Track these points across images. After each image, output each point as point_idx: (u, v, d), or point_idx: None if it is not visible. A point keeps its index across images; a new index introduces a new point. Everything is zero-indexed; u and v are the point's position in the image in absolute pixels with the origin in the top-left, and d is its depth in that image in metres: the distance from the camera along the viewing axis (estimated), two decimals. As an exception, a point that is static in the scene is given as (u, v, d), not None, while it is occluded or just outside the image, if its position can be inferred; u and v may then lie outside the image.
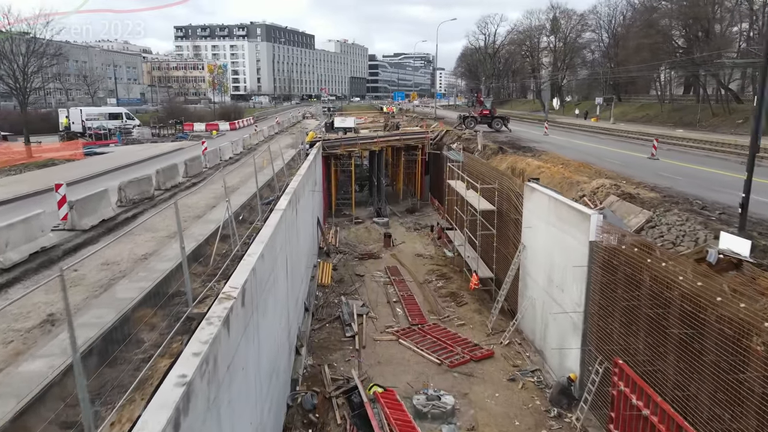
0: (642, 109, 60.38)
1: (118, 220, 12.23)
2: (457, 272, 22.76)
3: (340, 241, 28.19)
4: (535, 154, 27.14)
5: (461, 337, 16.11)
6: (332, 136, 33.67)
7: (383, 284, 21.63)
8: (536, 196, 15.27)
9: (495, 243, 18.63)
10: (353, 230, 30.14)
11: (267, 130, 37.57)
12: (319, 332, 16.89)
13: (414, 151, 36.75)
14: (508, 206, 18.26)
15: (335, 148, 30.64)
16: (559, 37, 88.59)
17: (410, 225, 32.31)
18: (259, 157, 24.21)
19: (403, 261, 25.13)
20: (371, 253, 25.95)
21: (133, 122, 40.02)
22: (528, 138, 36.29)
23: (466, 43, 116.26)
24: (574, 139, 36.94)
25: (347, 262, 24.94)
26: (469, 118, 43.10)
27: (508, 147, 30.38)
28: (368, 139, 32.86)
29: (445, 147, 36.44)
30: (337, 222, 31.97)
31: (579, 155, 25.99)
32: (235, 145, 25.28)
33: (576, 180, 18.60)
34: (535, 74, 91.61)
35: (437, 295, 20.25)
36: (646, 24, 60.78)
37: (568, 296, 12.97)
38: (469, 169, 24.38)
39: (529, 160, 23.99)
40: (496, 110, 45.19)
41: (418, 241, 29.11)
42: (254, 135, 32.15)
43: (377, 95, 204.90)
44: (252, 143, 30.15)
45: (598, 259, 11.60)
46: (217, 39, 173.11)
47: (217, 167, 21.35)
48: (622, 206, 15.17)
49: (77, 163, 22.27)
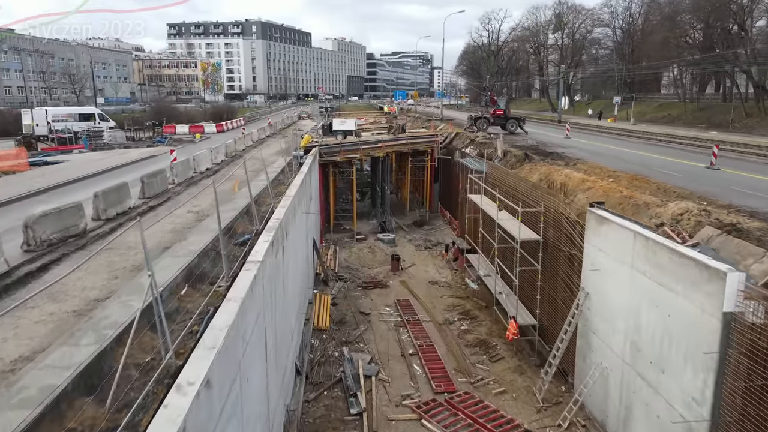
0: (661, 109, 56.45)
1: (12, 278, 8.16)
2: (483, 309, 18.72)
3: (340, 264, 24.15)
4: (567, 162, 23.08)
5: (504, 416, 12.06)
6: (330, 141, 29.60)
7: (394, 326, 17.56)
8: (609, 230, 11.23)
9: (539, 282, 14.59)
10: (355, 250, 26.05)
11: (257, 133, 33.33)
12: (314, 405, 12.82)
13: (422, 157, 32.72)
14: (557, 235, 14.24)
15: (334, 155, 26.57)
16: (567, 33, 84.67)
17: (420, 242, 28.25)
18: (243, 168, 20.19)
19: (416, 291, 21.09)
20: (377, 281, 21.87)
21: (107, 124, 35.78)
22: (549, 142, 32.26)
23: (468, 41, 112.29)
24: (601, 143, 32.91)
25: (349, 293, 20.89)
26: (482, 119, 39.07)
27: (532, 152, 26.36)
28: (371, 143, 28.79)
29: (458, 152, 32.43)
30: (337, 239, 27.89)
31: (622, 164, 21.93)
32: (216, 152, 21.25)
33: (643, 201, 14.54)
34: (542, 72, 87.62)
35: (463, 343, 16.18)
36: (667, 17, 57.00)
37: (675, 382, 8.95)
38: (494, 181, 20.36)
39: (568, 171, 19.89)
40: (510, 110, 41.10)
41: (430, 262, 25.08)
42: (240, 140, 28.01)
43: (375, 94, 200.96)
44: (237, 149, 26.04)
45: (742, 342, 7.57)
46: (212, 37, 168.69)
47: (190, 182, 17.31)
48: (729, 243, 11.11)
49: (12, 178, 17.84)
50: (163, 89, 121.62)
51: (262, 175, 15.48)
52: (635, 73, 61.82)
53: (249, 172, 18.20)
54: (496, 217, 16.58)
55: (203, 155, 19.50)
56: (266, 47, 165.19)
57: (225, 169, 20.61)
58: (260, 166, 17.52)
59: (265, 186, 14.26)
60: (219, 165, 21.21)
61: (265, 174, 14.53)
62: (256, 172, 16.97)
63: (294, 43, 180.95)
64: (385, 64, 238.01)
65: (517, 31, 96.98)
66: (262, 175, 15.48)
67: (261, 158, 19.25)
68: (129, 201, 12.67)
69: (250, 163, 22.48)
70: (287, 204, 12.27)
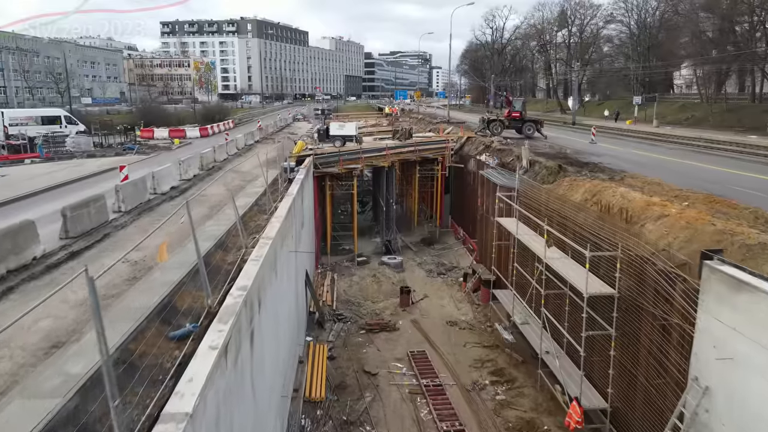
0: (682, 110, 52.54)
1: None
2: (521, 366, 14.78)
3: (338, 297, 20.21)
4: (612, 175, 19.10)
5: None
6: (327, 148, 25.63)
7: (409, 393, 13.61)
8: (755, 302, 7.30)
9: (612, 351, 10.63)
10: (356, 279, 22.08)
11: (243, 139, 29.15)
12: None
13: (431, 165, 28.80)
14: (639, 289, 10.32)
15: (331, 165, 22.61)
16: (575, 30, 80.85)
17: (431, 266, 24.30)
18: (218, 186, 16.17)
19: (432, 335, 17.15)
20: (384, 323, 17.89)
21: (75, 127, 31.58)
22: (573, 148, 28.30)
23: (471, 38, 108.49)
24: (635, 149, 28.95)
25: (349, 338, 16.95)
26: (496, 121, 35.09)
27: (560, 160, 22.46)
28: (375, 151, 24.85)
29: (472, 161, 28.51)
30: (335, 263, 23.94)
31: (677, 178, 17.91)
32: (187, 165, 17.26)
33: (758, 241, 10.58)
34: (550, 71, 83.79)
35: (502, 424, 12.21)
36: (684, 13, 53.29)
37: None
38: (529, 201, 16.44)
39: (622, 190, 15.83)
40: (527, 112, 37.11)
41: (446, 293, 21.17)
42: (221, 147, 23.92)
43: (374, 94, 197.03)
44: (217, 160, 21.97)
45: None
46: (206, 35, 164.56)
47: (144, 208, 13.30)
48: None
49: None
50: (155, 89, 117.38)
51: (241, 198, 11.49)
52: (653, 72, 57.95)
53: (224, 193, 14.21)
54: (543, 256, 12.64)
55: (166, 171, 15.48)
56: (262, 46, 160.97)
57: (196, 187, 16.62)
58: (241, 182, 13.64)
59: (235, 222, 10.23)
60: (190, 181, 17.20)
61: (236, 204, 10.50)
62: (233, 191, 13.03)
63: (290, 41, 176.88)
64: (384, 63, 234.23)
65: (522, 28, 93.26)
66: (241, 198, 11.49)
67: (243, 172, 15.35)
68: (34, 248, 8.75)
69: (229, 177, 18.52)
70: (263, 254, 8.33)
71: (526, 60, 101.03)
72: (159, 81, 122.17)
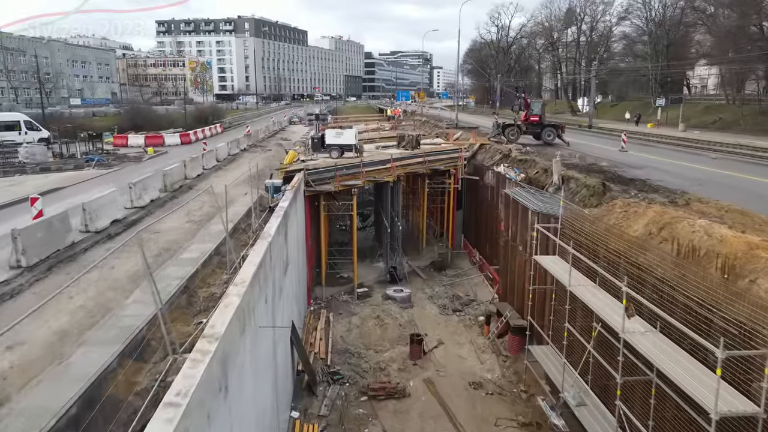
0: (707, 113, 48.77)
1: None
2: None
3: (335, 345, 16.52)
4: (670, 197, 15.37)
5: None
6: (321, 160, 21.94)
7: None
8: None
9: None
10: (356, 321, 18.34)
11: (226, 148, 25.24)
12: None
13: (441, 178, 25.11)
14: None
15: (325, 182, 18.90)
16: (586, 28, 77.16)
17: (444, 299, 20.61)
18: (179, 217, 12.48)
19: (453, 404, 13.48)
20: (391, 388, 14.16)
21: (37, 134, 27.72)
22: (602, 157, 24.62)
23: (475, 37, 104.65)
24: (677, 160, 25.10)
25: (347, 411, 13.27)
26: (512, 126, 31.42)
27: (598, 175, 18.79)
28: (378, 164, 21.12)
29: (489, 173, 24.81)
30: (331, 297, 20.24)
31: (756, 201, 14.24)
32: (142, 187, 13.48)
33: None
34: (560, 71, 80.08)
35: None
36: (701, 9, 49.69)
37: None
38: (577, 236, 12.74)
39: (703, 224, 12.04)
40: (546, 115, 33.34)
41: (464, 337, 17.51)
42: (194, 162, 20.00)
43: (374, 95, 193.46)
44: (189, 176, 18.21)
45: None
46: (202, 34, 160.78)
47: (59, 258, 9.58)
48: None
49: None
50: (148, 89, 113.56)
51: (197, 240, 7.81)
52: (673, 72, 54.26)
53: (185, 228, 10.52)
54: (621, 329, 8.92)
55: (108, 199, 11.67)
56: (260, 45, 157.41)
57: (151, 217, 12.92)
58: (211, 209, 9.96)
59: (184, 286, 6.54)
60: (144, 209, 13.51)
61: (194, 248, 6.82)
62: (198, 223, 9.36)
63: (289, 41, 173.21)
64: (384, 63, 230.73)
65: (528, 26, 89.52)
66: (197, 240, 7.81)
67: (218, 192, 11.67)
68: None
69: (196, 204, 14.77)
70: (199, 372, 4.67)
71: (532, 59, 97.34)
72: (153, 81, 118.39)
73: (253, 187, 15.10)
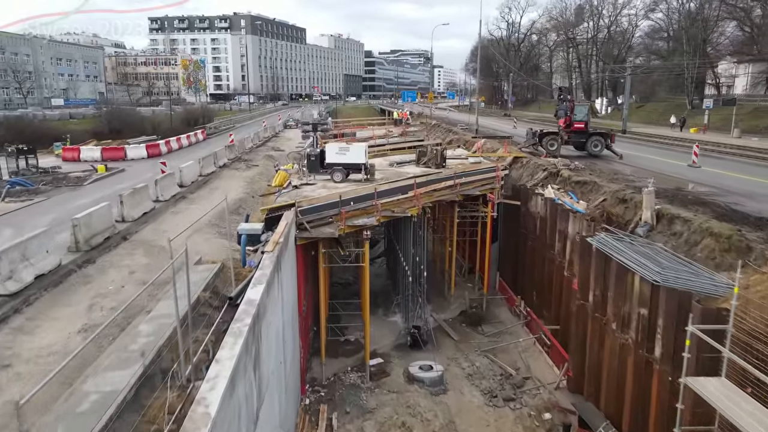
0: (756, 116, 43.14)
1: None
2: None
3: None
4: None
5: None
6: (320, 185, 16.34)
7: None
8: None
9: None
10: (371, 425, 12.67)
11: (196, 167, 18.98)
12: None
13: (475, 204, 19.56)
14: None
15: (325, 224, 13.22)
16: (602, 24, 71.65)
17: (489, 378, 15.04)
18: (78, 315, 6.97)
19: None
20: None
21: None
22: (669, 174, 19.10)
23: (484, 34, 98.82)
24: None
25: None
26: (551, 135, 25.90)
27: (696, 206, 13.25)
28: (398, 192, 15.47)
29: (537, 199, 19.20)
30: (333, 377, 14.61)
31: None
32: (21, 252, 8.06)
33: None
34: (575, 68, 74.52)
35: None
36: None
37: None
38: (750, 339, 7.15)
39: None
40: (590, 122, 27.67)
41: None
42: (139, 193, 14.00)
43: (374, 94, 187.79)
44: (127, 217, 12.29)
45: None
46: (197, 32, 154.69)
47: None
48: None
49: None
50: (138, 89, 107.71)
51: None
52: (710, 69, 48.70)
53: (73, 342, 4.96)
54: None
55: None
56: (257, 43, 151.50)
57: (23, 318, 7.39)
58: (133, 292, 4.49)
59: None
60: (17, 296, 7.97)
61: None
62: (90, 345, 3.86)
63: (287, 39, 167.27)
64: (384, 62, 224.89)
65: (539, 22, 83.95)
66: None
67: (161, 246, 6.25)
68: None
69: (120, 274, 9.13)
70: None
71: (542, 57, 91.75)
72: (143, 80, 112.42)
73: (233, 216, 9.48)
